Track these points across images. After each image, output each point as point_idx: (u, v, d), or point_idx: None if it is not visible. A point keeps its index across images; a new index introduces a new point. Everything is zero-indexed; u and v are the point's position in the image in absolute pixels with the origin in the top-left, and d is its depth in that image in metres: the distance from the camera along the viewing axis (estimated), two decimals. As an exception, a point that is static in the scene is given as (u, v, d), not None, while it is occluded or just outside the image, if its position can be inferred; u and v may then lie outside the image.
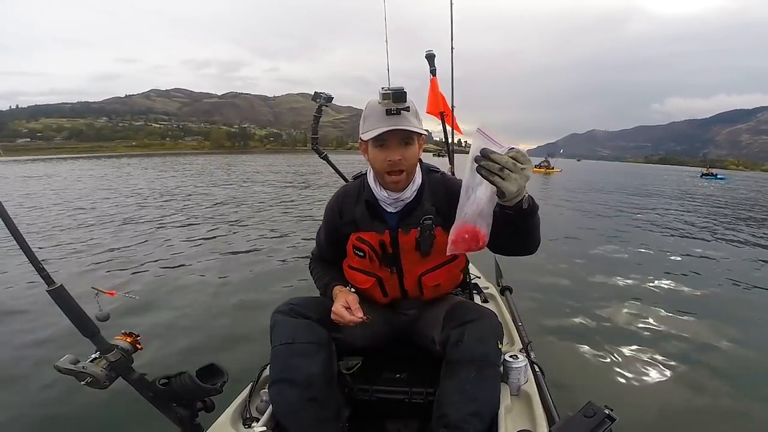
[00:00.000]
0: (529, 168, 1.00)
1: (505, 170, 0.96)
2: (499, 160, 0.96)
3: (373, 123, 1.34)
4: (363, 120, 1.39)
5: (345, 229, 1.54)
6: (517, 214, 1.09)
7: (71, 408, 2.37)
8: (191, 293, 4.36)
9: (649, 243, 7.53)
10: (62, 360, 0.97)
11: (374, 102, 1.36)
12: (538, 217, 1.18)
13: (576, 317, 3.88)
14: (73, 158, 67.32)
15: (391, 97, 1.28)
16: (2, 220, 0.92)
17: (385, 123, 1.31)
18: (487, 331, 1.33)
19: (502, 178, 0.97)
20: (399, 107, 1.30)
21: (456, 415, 1.21)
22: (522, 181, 0.99)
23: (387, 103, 1.30)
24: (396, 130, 1.31)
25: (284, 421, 1.28)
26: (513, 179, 0.97)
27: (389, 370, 1.58)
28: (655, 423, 2.42)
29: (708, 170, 49.30)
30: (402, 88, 1.30)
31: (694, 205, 15.18)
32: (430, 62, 2.38)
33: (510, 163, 0.97)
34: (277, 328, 1.37)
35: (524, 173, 0.99)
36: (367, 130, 1.35)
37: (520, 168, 0.98)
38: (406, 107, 1.32)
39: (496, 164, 0.96)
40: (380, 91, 1.30)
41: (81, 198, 12.72)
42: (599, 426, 1.00)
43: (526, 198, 1.08)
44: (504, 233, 1.13)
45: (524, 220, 1.13)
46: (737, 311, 4.25)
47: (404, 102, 1.31)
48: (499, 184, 0.98)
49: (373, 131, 1.32)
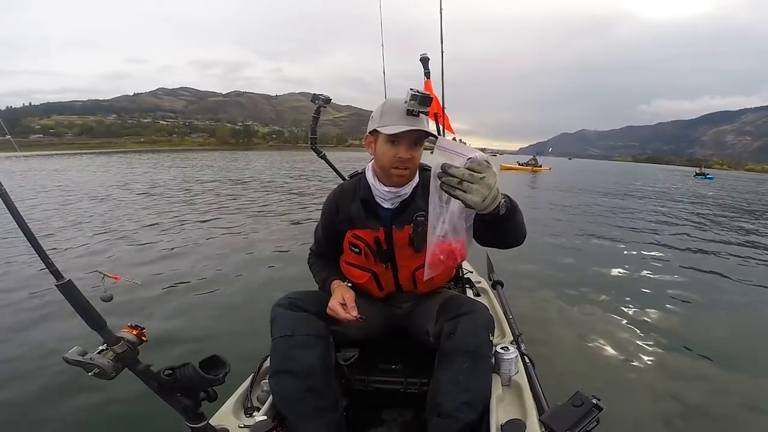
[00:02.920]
0: (489, 175, 0.97)
1: (464, 183, 0.95)
2: (455, 173, 0.95)
3: (392, 119, 1.33)
4: (381, 114, 1.37)
5: (341, 225, 1.54)
6: (495, 219, 1.08)
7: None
8: (194, 285, 4.37)
9: (641, 239, 7.57)
10: (71, 352, 0.97)
11: (395, 99, 1.36)
12: (519, 216, 1.17)
13: (564, 311, 3.90)
14: (84, 153, 67.00)
15: (417, 100, 1.28)
16: (14, 219, 0.91)
17: (404, 122, 1.31)
18: (479, 324, 1.34)
19: (463, 191, 0.95)
20: (421, 110, 1.30)
21: (449, 405, 1.22)
22: (485, 190, 0.97)
23: (412, 104, 1.28)
24: (412, 131, 1.31)
25: (284, 410, 1.28)
26: (474, 190, 0.96)
27: (385, 362, 1.58)
28: (641, 411, 2.44)
29: (701, 170, 50.41)
30: (429, 95, 1.29)
31: (700, 206, 15.21)
32: (425, 65, 2.37)
33: (467, 174, 0.95)
34: (277, 320, 1.36)
35: (485, 182, 0.96)
36: (385, 124, 1.34)
37: (478, 178, 0.95)
38: (426, 111, 1.32)
39: (455, 178, 0.95)
40: (409, 90, 1.29)
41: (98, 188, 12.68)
42: (587, 415, 1.00)
43: (503, 203, 1.06)
44: (487, 234, 1.13)
45: (504, 223, 1.12)
46: (728, 302, 4.32)
47: (428, 107, 1.31)
48: (462, 197, 0.96)
49: (393, 127, 1.31)
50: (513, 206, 1.12)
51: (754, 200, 19.39)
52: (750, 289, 4.80)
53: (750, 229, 9.49)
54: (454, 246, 1.10)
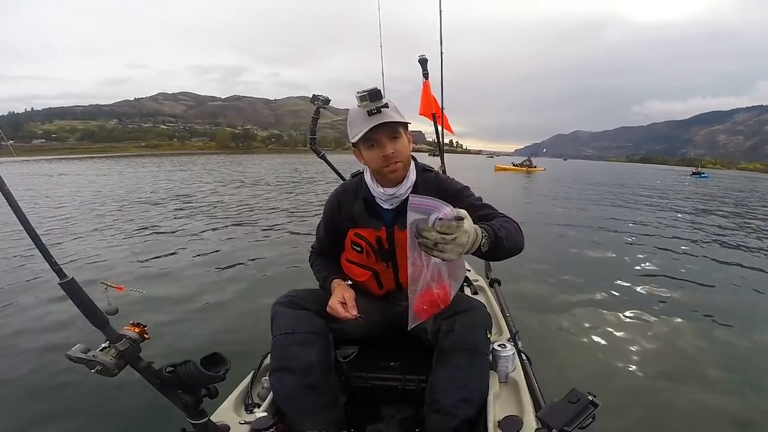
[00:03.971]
0: (460, 235, 0.97)
1: (438, 245, 0.96)
2: (429, 237, 0.96)
3: (358, 126, 1.33)
4: (349, 127, 1.38)
5: (343, 224, 1.54)
6: (479, 254, 1.11)
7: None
8: (195, 285, 4.36)
9: (639, 238, 7.58)
10: (73, 349, 0.96)
11: (355, 108, 1.36)
12: (505, 243, 1.16)
13: (561, 309, 3.90)
14: (87, 158, 66.86)
15: (367, 98, 1.29)
16: (17, 218, 0.91)
17: (368, 123, 1.30)
18: (476, 322, 1.34)
19: (439, 251, 0.96)
20: (378, 106, 1.30)
21: (447, 401, 1.22)
22: (459, 249, 0.97)
23: (366, 105, 1.30)
24: (380, 126, 1.30)
25: (284, 406, 1.28)
26: (449, 250, 0.96)
27: (384, 359, 1.58)
28: (636, 408, 2.43)
29: (698, 169, 53.21)
30: (375, 88, 1.30)
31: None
32: (423, 66, 2.37)
33: (439, 238, 0.95)
34: (277, 318, 1.36)
35: (457, 242, 0.96)
36: (354, 134, 1.35)
37: (450, 239, 0.96)
38: (385, 104, 1.32)
39: (430, 240, 0.96)
40: (356, 95, 1.30)
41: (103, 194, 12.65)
42: (583, 411, 1.00)
43: (485, 242, 1.08)
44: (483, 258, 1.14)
45: (491, 255, 1.15)
46: (723, 299, 4.33)
47: (381, 99, 1.31)
48: (439, 256, 0.98)
49: (360, 131, 1.31)
50: (497, 239, 1.13)
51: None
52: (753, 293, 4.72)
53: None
54: (436, 294, 1.11)
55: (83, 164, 37.65)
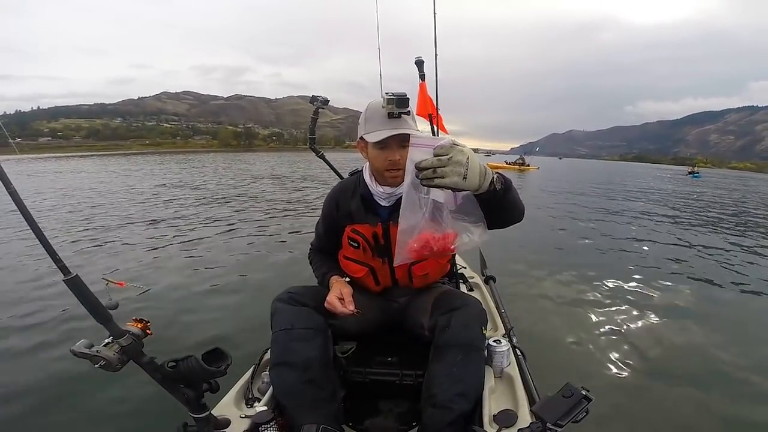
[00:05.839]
0: (455, 153, 0.95)
1: (437, 170, 0.94)
2: (426, 165, 0.95)
3: (375, 125, 1.33)
4: (365, 120, 1.38)
5: (341, 221, 1.55)
6: (495, 197, 1.07)
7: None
8: (197, 284, 4.35)
9: (636, 236, 7.56)
10: (77, 344, 0.96)
11: (376, 104, 1.35)
12: (514, 191, 1.14)
13: (555, 305, 3.90)
14: (93, 155, 66.61)
15: (395, 103, 1.27)
16: (22, 215, 0.91)
17: (387, 126, 1.31)
18: (472, 318, 1.34)
19: (440, 177, 0.95)
20: (401, 111, 1.30)
21: (443, 396, 1.22)
22: (458, 168, 0.95)
23: (390, 108, 1.28)
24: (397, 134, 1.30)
25: (284, 401, 1.28)
26: (448, 172, 0.94)
27: (381, 354, 1.58)
28: (629, 402, 2.44)
29: (694, 169, 54.99)
30: (405, 94, 1.28)
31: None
32: (419, 68, 2.36)
33: (435, 162, 0.94)
34: (277, 315, 1.36)
35: (453, 160, 0.94)
36: (369, 131, 1.34)
37: (446, 159, 0.94)
38: (407, 111, 1.32)
39: (428, 169, 0.95)
40: (384, 95, 1.28)
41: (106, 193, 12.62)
42: (576, 405, 1.00)
43: (495, 179, 1.06)
44: (490, 216, 1.11)
45: (501, 200, 1.10)
46: (719, 295, 4.36)
47: (407, 107, 1.30)
48: (441, 183, 0.95)
49: (377, 134, 1.31)
50: (507, 181, 1.11)
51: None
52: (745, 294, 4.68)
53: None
54: (434, 237, 1.08)
55: (91, 162, 37.42)
